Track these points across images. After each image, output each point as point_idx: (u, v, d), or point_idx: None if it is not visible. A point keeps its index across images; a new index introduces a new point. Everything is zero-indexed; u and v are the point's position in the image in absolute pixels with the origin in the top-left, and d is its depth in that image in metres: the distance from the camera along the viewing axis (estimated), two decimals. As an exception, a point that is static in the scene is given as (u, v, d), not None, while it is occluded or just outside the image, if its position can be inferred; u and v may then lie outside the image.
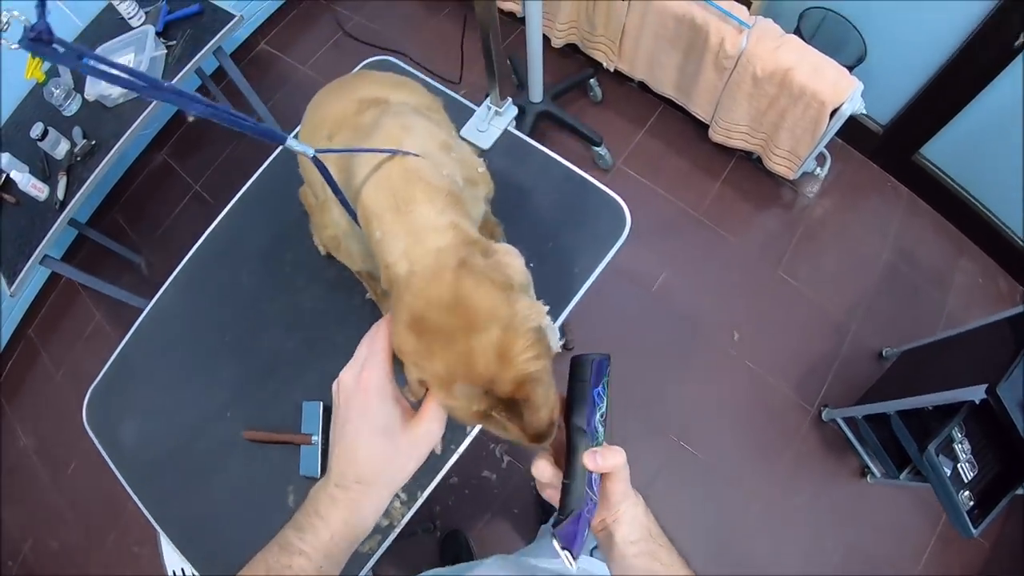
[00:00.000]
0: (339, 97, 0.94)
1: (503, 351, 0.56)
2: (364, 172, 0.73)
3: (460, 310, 0.58)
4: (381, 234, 0.69)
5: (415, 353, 0.58)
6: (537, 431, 0.59)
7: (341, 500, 0.57)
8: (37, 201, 1.93)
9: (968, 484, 1.53)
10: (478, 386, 0.56)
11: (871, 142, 2.40)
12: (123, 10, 2.08)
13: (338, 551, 0.56)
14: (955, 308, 2.24)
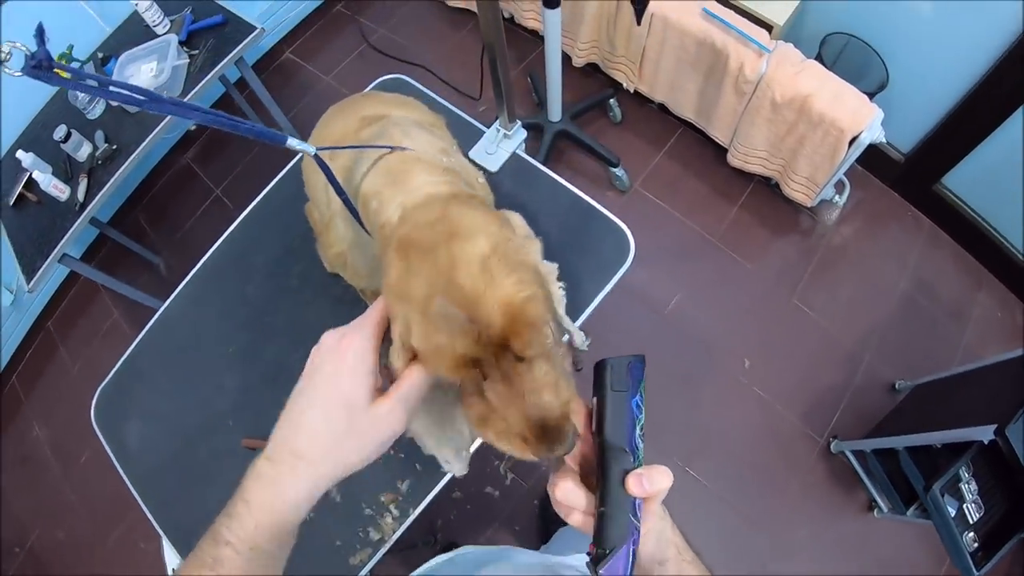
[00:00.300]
0: (343, 116, 0.95)
1: (487, 265, 0.52)
2: (362, 171, 0.73)
3: (445, 223, 0.55)
4: (377, 203, 0.67)
5: (398, 282, 0.54)
6: (542, 417, 0.51)
7: (266, 477, 0.52)
8: (58, 201, 1.98)
9: (973, 525, 1.50)
10: (461, 309, 0.50)
11: (892, 170, 2.37)
12: (148, 18, 2.13)
13: (265, 543, 0.50)
14: (972, 342, 2.19)
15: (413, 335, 0.53)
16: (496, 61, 1.13)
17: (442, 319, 0.51)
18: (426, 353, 0.53)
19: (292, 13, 3.04)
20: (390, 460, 1.10)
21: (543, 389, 0.52)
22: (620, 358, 0.55)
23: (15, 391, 2.74)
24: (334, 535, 1.08)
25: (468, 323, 0.50)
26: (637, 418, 0.55)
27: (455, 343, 0.51)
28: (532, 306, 0.52)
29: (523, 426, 0.52)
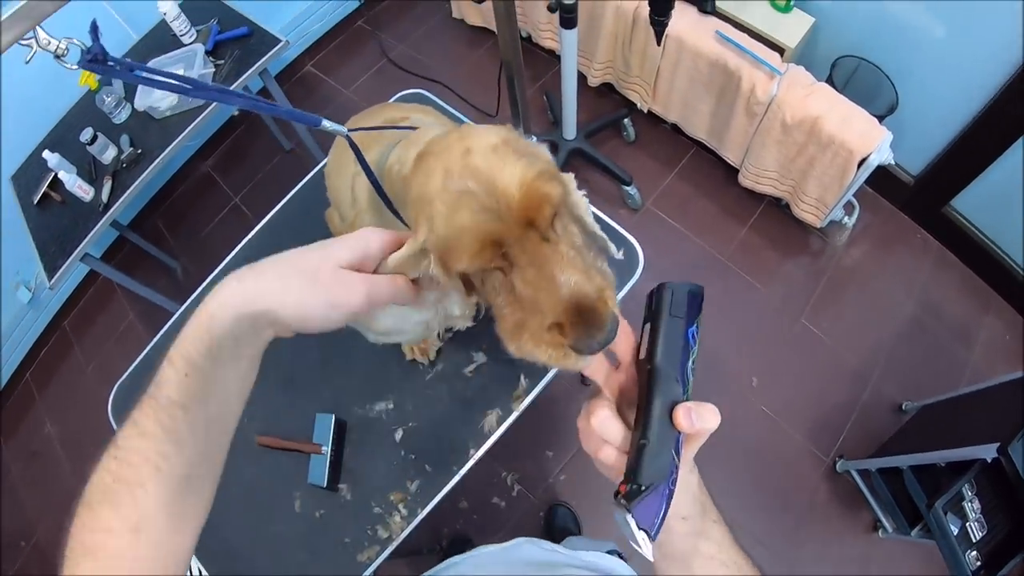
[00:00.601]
0: (368, 119, 0.99)
1: (498, 150, 0.53)
2: (388, 152, 0.75)
3: (457, 132, 0.57)
4: (399, 165, 0.67)
5: (418, 188, 0.55)
6: (576, 298, 0.50)
7: (198, 316, 0.50)
8: (82, 202, 2.02)
9: (976, 544, 1.50)
10: (480, 188, 0.51)
11: (901, 193, 2.39)
12: (175, 27, 2.18)
13: (198, 356, 0.48)
14: (979, 364, 2.19)
15: (436, 225, 0.53)
16: (513, 79, 1.17)
17: (463, 195, 0.51)
18: (449, 239, 0.53)
19: (315, 27, 3.12)
20: (400, 460, 1.13)
21: (573, 270, 0.51)
22: (681, 283, 0.50)
23: (29, 388, 2.78)
24: (343, 532, 1.10)
25: (488, 198, 0.51)
26: (692, 349, 0.50)
27: (478, 220, 0.51)
28: (545, 182, 0.52)
29: (557, 311, 0.50)
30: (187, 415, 0.48)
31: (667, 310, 0.50)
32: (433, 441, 1.13)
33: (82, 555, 0.45)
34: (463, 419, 1.12)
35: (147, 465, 0.46)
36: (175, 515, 0.48)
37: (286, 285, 0.51)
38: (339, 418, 1.16)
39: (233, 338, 0.49)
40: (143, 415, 0.48)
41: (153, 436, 0.47)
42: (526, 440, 2.19)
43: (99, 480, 0.47)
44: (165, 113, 2.09)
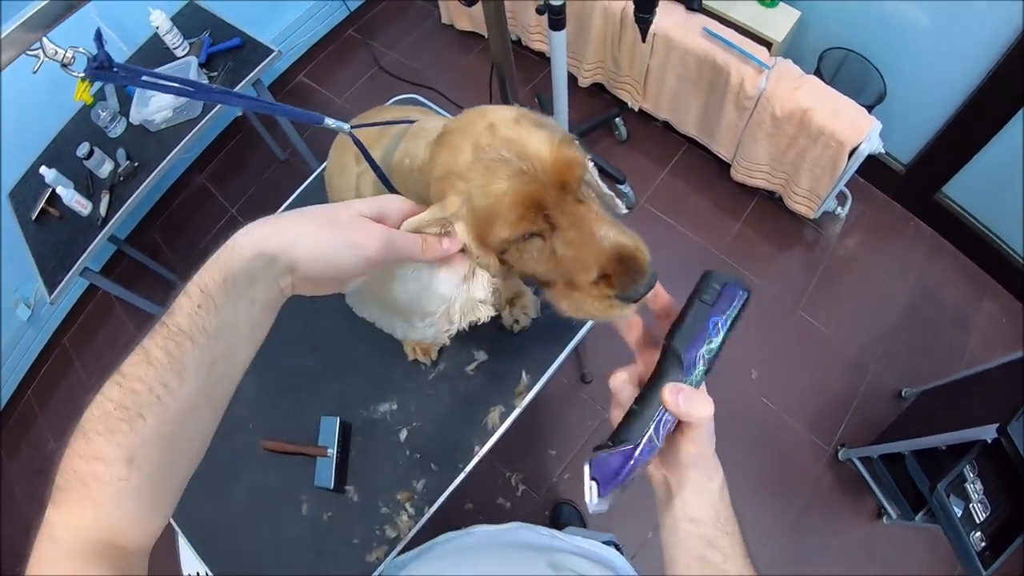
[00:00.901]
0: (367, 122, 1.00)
1: (519, 122, 0.56)
2: (394, 146, 0.76)
3: (473, 112, 0.60)
4: (411, 159, 0.69)
5: (443, 163, 0.57)
6: (618, 249, 0.54)
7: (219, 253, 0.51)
8: (80, 216, 2.03)
9: (980, 524, 1.51)
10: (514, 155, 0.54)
11: (893, 181, 2.41)
12: (168, 40, 2.19)
13: (215, 288, 0.49)
14: (977, 349, 2.21)
15: (473, 195, 0.55)
16: (505, 81, 1.18)
17: (499, 164, 0.54)
18: (490, 208, 0.55)
19: (305, 37, 3.14)
20: (406, 460, 1.14)
21: (609, 226, 0.55)
22: (724, 273, 0.52)
23: (30, 405, 2.77)
24: (352, 533, 1.11)
25: (523, 163, 0.54)
26: (710, 337, 0.51)
27: (517, 185, 0.54)
28: (571, 146, 0.56)
29: (602, 263, 0.54)
30: (194, 347, 0.47)
31: (699, 295, 0.52)
32: (438, 440, 1.14)
33: (73, 482, 0.45)
34: (466, 417, 1.13)
35: (149, 395, 0.46)
36: (170, 449, 0.48)
37: (305, 225, 0.52)
38: (344, 420, 1.17)
39: (248, 275, 0.50)
40: (152, 342, 0.47)
41: (158, 364, 0.46)
42: (528, 440, 2.20)
43: (99, 407, 0.46)
44: (160, 126, 2.10)
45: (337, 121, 0.66)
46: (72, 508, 0.45)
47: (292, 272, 0.52)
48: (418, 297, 0.68)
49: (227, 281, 0.49)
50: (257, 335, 0.53)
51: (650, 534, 2.01)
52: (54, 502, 0.46)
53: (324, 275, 0.53)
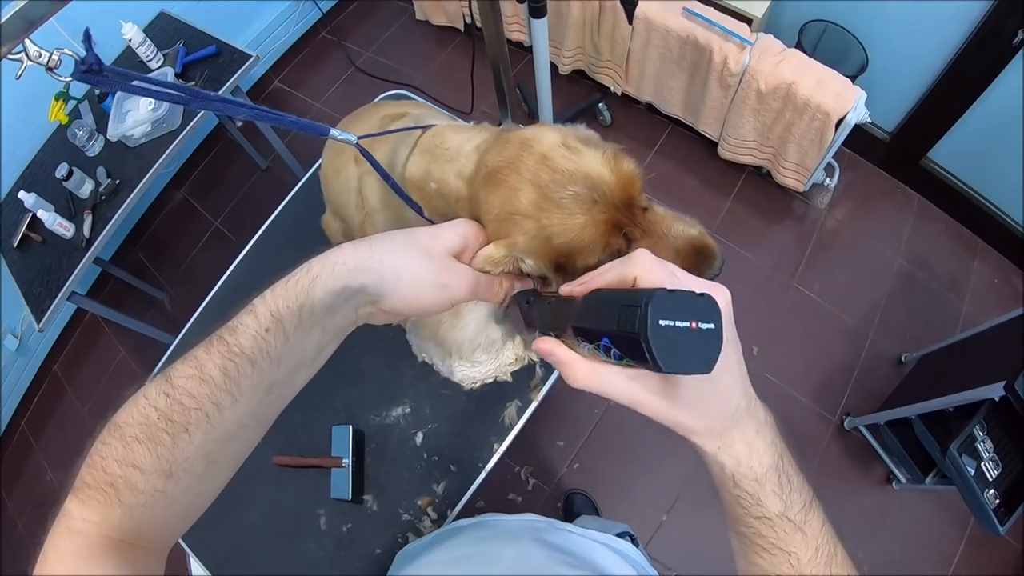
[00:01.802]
0: (361, 121, 0.98)
1: (568, 145, 0.56)
2: (403, 157, 0.76)
3: (512, 141, 0.59)
4: (436, 183, 0.69)
5: (503, 205, 0.56)
6: (691, 243, 0.56)
7: (296, 277, 0.49)
8: (63, 239, 1.98)
9: (993, 482, 1.52)
10: (580, 184, 0.54)
11: (879, 150, 2.42)
12: (142, 53, 2.14)
13: (288, 314, 0.47)
14: (972, 310, 2.24)
15: (551, 230, 0.55)
16: (500, 73, 1.16)
17: (569, 199, 0.54)
18: (573, 243, 0.55)
19: (278, 43, 3.08)
20: (424, 464, 1.12)
21: (674, 221, 0.57)
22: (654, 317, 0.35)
23: (25, 437, 2.72)
24: (373, 543, 1.09)
25: (592, 192, 0.54)
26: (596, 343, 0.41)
27: (595, 216, 0.54)
28: (625, 159, 0.57)
29: (680, 260, 0.55)
30: (254, 370, 0.46)
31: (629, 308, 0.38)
32: (455, 440, 1.12)
33: (102, 482, 0.44)
34: (482, 415, 1.12)
35: (199, 412, 0.44)
36: (211, 465, 0.47)
37: (403, 256, 0.50)
38: (356, 428, 1.15)
39: (329, 307, 0.48)
40: (209, 358, 0.46)
41: (212, 382, 0.45)
42: (536, 433, 2.20)
43: (141, 412, 0.45)
44: (140, 140, 2.06)
45: (344, 133, 0.64)
46: (98, 507, 0.44)
47: (376, 303, 0.50)
48: (478, 332, 0.68)
49: (303, 309, 0.47)
50: (321, 359, 0.51)
51: (664, 517, 2.02)
52: (77, 496, 0.45)
53: (407, 310, 0.52)
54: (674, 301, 0.36)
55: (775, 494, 0.45)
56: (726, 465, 0.45)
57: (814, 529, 0.47)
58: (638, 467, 2.12)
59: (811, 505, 0.47)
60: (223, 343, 0.46)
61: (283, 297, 0.48)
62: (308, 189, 1.42)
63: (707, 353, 0.37)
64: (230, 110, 0.59)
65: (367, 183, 0.87)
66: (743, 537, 0.48)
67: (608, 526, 1.04)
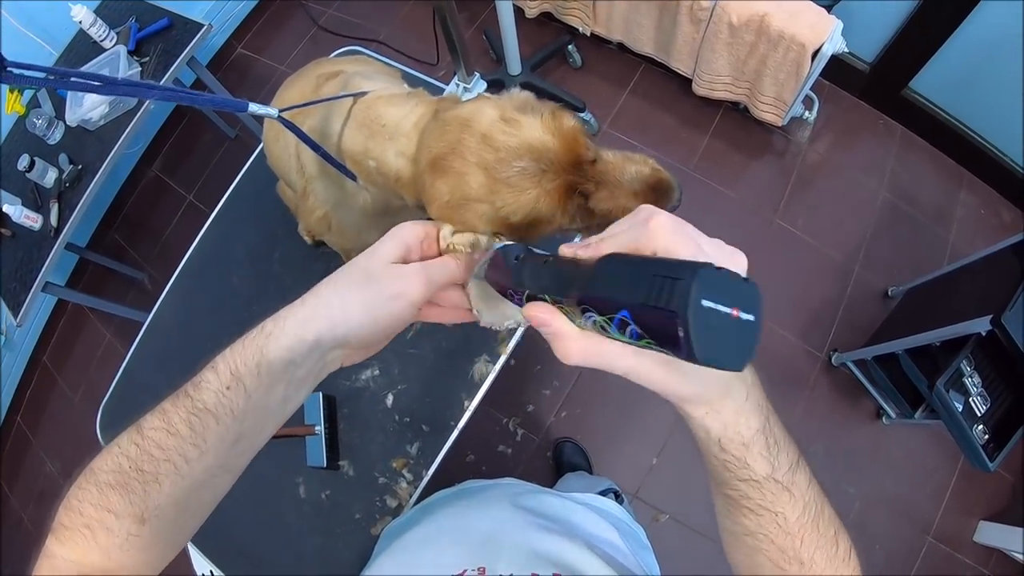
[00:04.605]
0: (300, 80, 0.95)
1: (506, 118, 0.56)
2: (337, 127, 0.75)
3: (450, 123, 0.58)
4: (375, 161, 0.69)
5: (452, 191, 0.56)
6: (645, 182, 0.57)
7: (253, 335, 0.49)
8: (32, 231, 1.96)
9: (981, 417, 1.51)
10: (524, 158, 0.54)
11: (859, 81, 2.36)
12: (94, 34, 2.09)
13: (246, 371, 0.47)
14: (959, 242, 2.21)
15: (506, 210, 0.55)
16: (447, 21, 1.12)
17: (517, 176, 0.54)
18: (531, 215, 0.55)
19: (237, 8, 2.99)
20: (396, 426, 1.11)
21: (625, 164, 0.57)
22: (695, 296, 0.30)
23: (22, 431, 2.73)
24: (352, 509, 1.09)
25: (539, 162, 0.54)
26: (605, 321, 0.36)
27: (544, 182, 0.55)
28: (562, 117, 0.56)
29: (638, 201, 0.56)
30: (218, 425, 0.47)
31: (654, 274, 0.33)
32: (426, 400, 1.11)
33: (79, 525, 0.45)
34: (452, 372, 1.10)
35: (167, 463, 0.46)
36: (183, 510, 0.48)
37: (343, 293, 0.49)
38: (327, 394, 1.14)
39: (287, 362, 0.48)
40: (175, 411, 0.47)
41: (179, 435, 0.46)
42: (520, 383, 2.19)
43: (114, 460, 0.46)
44: (99, 123, 2.01)
45: (263, 106, 0.63)
46: (76, 548, 0.45)
47: (342, 346, 0.50)
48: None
49: (260, 367, 0.47)
50: (288, 409, 0.51)
51: (655, 460, 2.03)
52: (57, 536, 0.46)
53: (375, 338, 0.51)
54: (720, 281, 0.31)
55: (762, 457, 0.44)
56: (712, 430, 0.43)
57: (801, 488, 0.46)
58: (626, 412, 2.12)
59: (798, 464, 0.46)
60: (188, 398, 0.47)
61: (240, 356, 0.48)
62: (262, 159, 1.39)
63: (743, 347, 0.32)
64: (141, 94, 0.57)
65: (304, 150, 0.85)
66: (728, 499, 0.47)
67: (591, 484, 1.04)
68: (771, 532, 0.45)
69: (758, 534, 0.46)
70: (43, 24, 2.21)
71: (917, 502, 1.97)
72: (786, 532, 0.45)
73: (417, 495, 1.07)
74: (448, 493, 0.95)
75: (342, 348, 0.50)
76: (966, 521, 1.94)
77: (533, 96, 0.61)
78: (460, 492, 0.94)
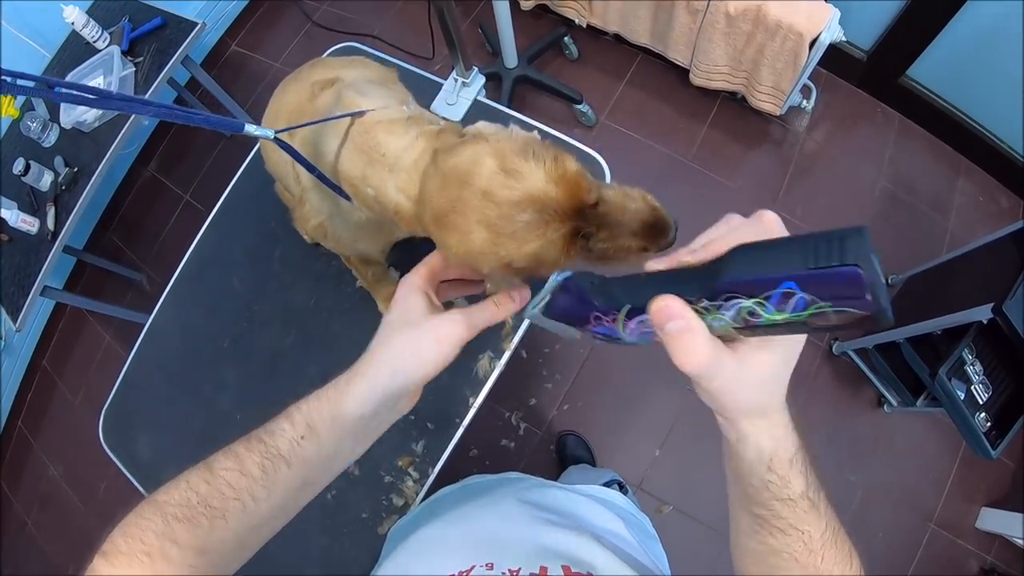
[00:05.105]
0: (294, 86, 0.93)
1: (506, 168, 0.56)
2: (334, 147, 0.74)
3: (450, 176, 0.59)
4: (374, 190, 0.70)
5: (459, 246, 0.58)
6: (642, 221, 0.57)
7: (341, 376, 0.55)
8: (29, 235, 1.95)
9: (983, 405, 1.51)
10: (527, 210, 0.55)
11: (856, 69, 2.35)
12: (87, 35, 2.08)
13: (322, 424, 0.53)
14: (957, 229, 2.21)
15: (509, 258, 0.57)
16: (444, 14, 1.11)
17: (521, 229, 0.55)
18: (535, 263, 0.57)
19: (230, 6, 2.97)
20: (401, 424, 1.10)
21: (625, 203, 0.58)
22: (871, 253, 0.33)
23: (23, 435, 2.73)
24: (359, 508, 1.08)
25: (541, 214, 0.55)
26: (764, 297, 0.36)
27: (549, 233, 0.55)
28: (565, 162, 0.57)
29: (638, 242, 0.58)
30: (290, 471, 0.51)
31: (816, 241, 0.34)
32: (429, 397, 1.09)
33: (136, 551, 0.48)
34: (455, 369, 1.09)
35: (236, 501, 0.49)
36: (242, 546, 0.52)
37: (395, 346, 0.55)
38: (331, 395, 1.13)
39: (359, 415, 0.54)
40: (249, 455, 0.51)
41: (251, 476, 0.50)
42: (523, 376, 2.19)
43: (182, 495, 0.50)
44: (94, 125, 2.00)
45: (260, 127, 0.62)
46: (129, 572, 0.47)
47: (407, 394, 0.56)
48: None
49: (335, 420, 0.53)
50: (353, 458, 0.58)
51: (657, 452, 2.03)
52: (108, 559, 0.48)
53: (432, 375, 0.55)
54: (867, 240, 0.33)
55: (801, 474, 0.46)
56: (765, 449, 0.45)
57: (824, 504, 0.47)
58: (628, 404, 2.12)
59: (820, 482, 0.48)
60: (261, 443, 0.52)
61: (316, 410, 0.53)
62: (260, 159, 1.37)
63: (887, 296, 0.33)
64: (135, 109, 0.56)
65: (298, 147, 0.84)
66: (758, 519, 0.47)
67: (595, 476, 1.04)
68: (796, 551, 0.46)
69: (783, 553, 0.46)
70: (35, 26, 2.20)
71: (919, 489, 1.97)
72: (810, 550, 0.46)
73: (423, 493, 1.07)
74: (453, 490, 0.95)
75: (408, 395, 0.56)
76: (968, 508, 1.95)
77: (536, 136, 0.61)
78: (464, 489, 0.94)
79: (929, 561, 1.91)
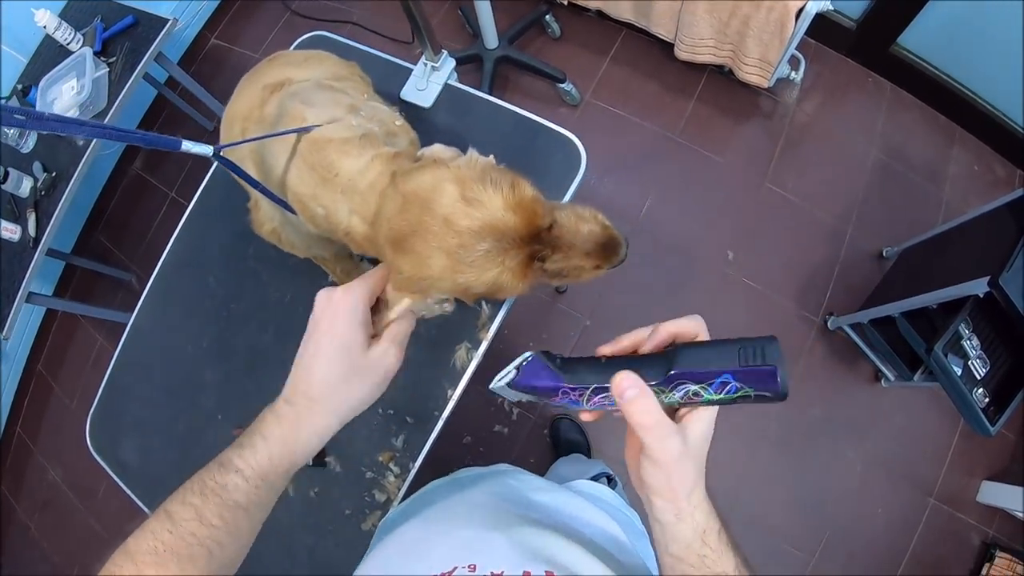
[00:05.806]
0: (248, 89, 0.90)
1: (466, 197, 0.57)
2: (282, 162, 0.74)
3: (410, 202, 0.60)
4: (324, 210, 0.71)
5: (414, 271, 0.59)
6: (594, 242, 0.61)
7: (285, 417, 0.57)
8: (11, 243, 1.95)
9: (981, 381, 1.49)
10: (487, 239, 0.57)
11: (846, 39, 2.31)
12: (59, 37, 2.06)
13: (275, 475, 0.56)
14: (953, 199, 2.17)
15: (467, 284, 0.59)
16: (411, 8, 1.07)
17: (482, 257, 0.57)
18: (494, 288, 0.60)
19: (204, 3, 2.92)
20: (380, 419, 1.09)
21: (578, 225, 0.62)
22: (780, 356, 0.48)
23: (23, 440, 2.74)
24: (342, 505, 1.07)
25: (500, 241, 0.57)
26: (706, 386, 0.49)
27: (507, 260, 0.58)
28: (522, 188, 0.59)
29: (592, 262, 0.62)
30: (248, 517, 0.55)
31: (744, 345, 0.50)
32: (408, 391, 1.08)
33: None
34: (433, 361, 1.08)
35: (201, 548, 0.52)
36: None
37: (347, 397, 0.59)
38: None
39: (311, 450, 0.59)
40: (207, 507, 0.53)
41: (213, 526, 0.52)
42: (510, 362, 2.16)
43: (147, 543, 0.52)
44: (70, 127, 1.97)
45: (199, 144, 0.61)
46: None
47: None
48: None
49: (290, 470, 0.57)
50: None
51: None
52: None
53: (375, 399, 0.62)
54: None
55: (730, 547, 0.50)
56: (700, 523, 0.49)
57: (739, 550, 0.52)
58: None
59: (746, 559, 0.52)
60: (216, 496, 0.53)
61: (267, 459, 0.55)
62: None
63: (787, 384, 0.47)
64: (69, 130, 0.56)
65: (251, 163, 0.83)
66: None
67: (584, 469, 1.03)
68: None
69: None
70: (10, 30, 2.19)
71: (918, 464, 1.96)
72: None
73: (405, 488, 1.05)
74: (443, 483, 0.93)
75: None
76: (968, 481, 1.94)
77: (492, 161, 0.64)
78: (453, 483, 0.92)
79: (930, 536, 1.90)
